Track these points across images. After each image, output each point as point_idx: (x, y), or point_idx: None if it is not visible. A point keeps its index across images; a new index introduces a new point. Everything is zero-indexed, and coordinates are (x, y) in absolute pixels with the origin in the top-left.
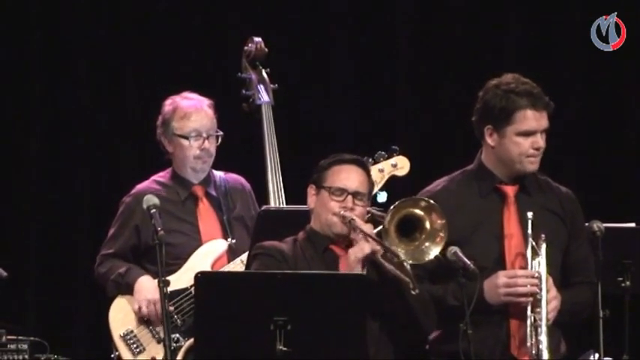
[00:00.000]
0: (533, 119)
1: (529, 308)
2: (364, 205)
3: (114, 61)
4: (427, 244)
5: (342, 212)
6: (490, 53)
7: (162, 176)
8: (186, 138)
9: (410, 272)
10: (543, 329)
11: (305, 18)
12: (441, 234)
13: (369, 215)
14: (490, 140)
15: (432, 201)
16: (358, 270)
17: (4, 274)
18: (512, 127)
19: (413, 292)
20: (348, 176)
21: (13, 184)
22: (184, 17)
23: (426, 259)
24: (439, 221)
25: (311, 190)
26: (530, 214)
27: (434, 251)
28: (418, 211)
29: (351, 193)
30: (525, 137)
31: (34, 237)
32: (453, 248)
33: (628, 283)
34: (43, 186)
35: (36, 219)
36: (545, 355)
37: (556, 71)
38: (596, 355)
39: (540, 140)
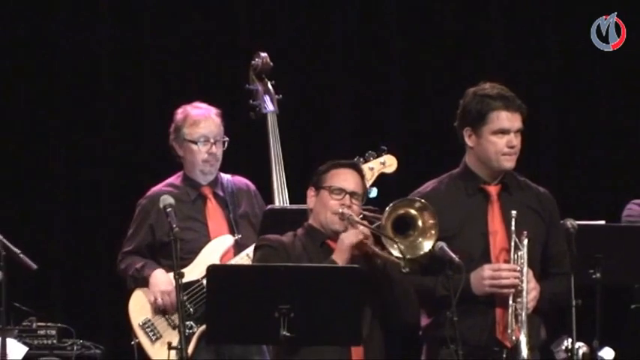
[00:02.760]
0: (506, 119)
1: (511, 298)
2: (359, 204)
3: (137, 74)
4: (420, 239)
5: (340, 210)
6: (486, 55)
7: (174, 179)
8: (196, 143)
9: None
10: (524, 317)
11: (306, 36)
12: (432, 231)
13: (362, 216)
14: (470, 141)
15: (424, 201)
16: (348, 254)
17: (34, 266)
18: (488, 127)
19: (403, 271)
20: (346, 178)
21: (41, 185)
22: (200, 36)
23: (419, 253)
24: (431, 220)
25: (310, 192)
26: (514, 213)
27: (426, 246)
28: (412, 211)
29: (348, 192)
30: (500, 136)
31: (60, 234)
32: (440, 244)
33: (598, 275)
34: (69, 188)
35: (62, 218)
36: (524, 339)
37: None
38: (569, 340)
39: (514, 139)
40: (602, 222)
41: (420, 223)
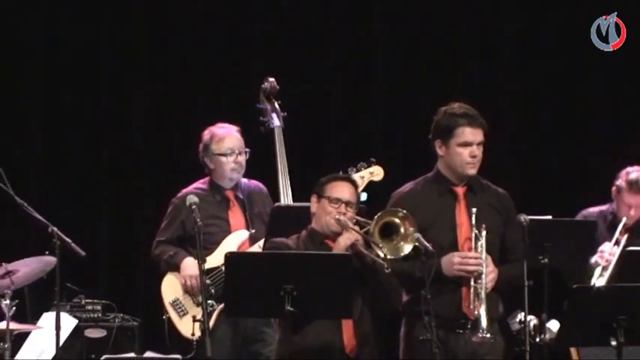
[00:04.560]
0: (469, 134)
1: (472, 280)
2: (353, 212)
3: (164, 101)
4: (401, 243)
5: (337, 216)
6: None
7: (201, 184)
8: (224, 155)
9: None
10: (483, 295)
11: (307, 65)
12: (412, 237)
13: (355, 220)
14: (440, 151)
15: (406, 212)
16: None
17: (83, 253)
18: (454, 140)
19: (386, 271)
20: (342, 189)
21: (88, 185)
22: (221, 66)
23: (400, 254)
24: (411, 228)
25: (314, 199)
26: (474, 210)
27: (406, 249)
28: (396, 219)
29: (344, 202)
30: (464, 148)
31: (105, 226)
32: (416, 235)
33: (546, 260)
34: (112, 186)
35: (107, 213)
36: (484, 313)
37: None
38: (523, 314)
39: (476, 150)
40: (549, 217)
41: (402, 229)
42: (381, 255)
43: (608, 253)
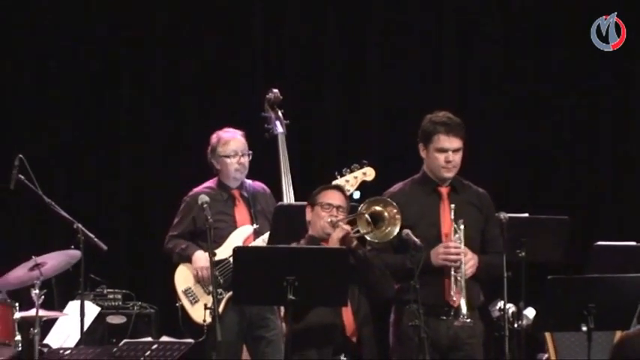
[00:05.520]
0: (445, 141)
1: (453, 270)
2: (344, 214)
3: (180, 110)
4: (389, 228)
5: (329, 219)
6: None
7: (210, 183)
8: (228, 157)
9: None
10: (462, 283)
11: (307, 77)
12: (397, 217)
13: (346, 221)
14: (423, 154)
15: (386, 198)
16: (337, 245)
17: (105, 247)
18: (432, 146)
19: (374, 245)
20: (332, 196)
21: (107, 185)
22: (232, 78)
23: (389, 238)
24: (394, 210)
25: (308, 209)
26: (453, 206)
27: (394, 231)
28: (379, 208)
29: (335, 206)
30: (440, 153)
31: (124, 222)
32: (406, 230)
33: (523, 254)
34: (131, 187)
35: (126, 211)
36: (464, 300)
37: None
38: (502, 302)
39: (451, 156)
40: (526, 215)
41: (386, 214)
42: (373, 242)
43: None
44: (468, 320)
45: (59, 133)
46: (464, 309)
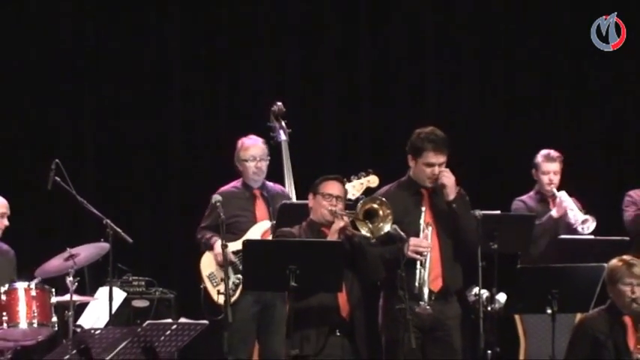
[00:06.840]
0: (433, 157)
1: (418, 262)
2: (342, 204)
3: (213, 121)
4: (382, 224)
5: (330, 207)
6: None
7: (236, 182)
8: (247, 160)
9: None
10: (425, 276)
11: (309, 92)
12: (389, 217)
13: (345, 211)
14: (411, 164)
15: (383, 199)
16: (336, 236)
17: (130, 240)
18: (420, 160)
19: (372, 242)
20: (332, 187)
21: (128, 185)
22: (245, 94)
23: (382, 232)
24: (388, 210)
25: (310, 197)
26: (423, 208)
27: (386, 228)
28: (375, 205)
29: (335, 196)
30: (427, 167)
31: (148, 215)
32: (394, 226)
33: (495, 245)
34: (156, 184)
35: (151, 207)
36: (426, 290)
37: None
38: (477, 288)
39: (436, 170)
40: (498, 212)
41: (380, 213)
42: (366, 234)
43: None
44: (428, 308)
45: (84, 124)
46: (425, 296)
